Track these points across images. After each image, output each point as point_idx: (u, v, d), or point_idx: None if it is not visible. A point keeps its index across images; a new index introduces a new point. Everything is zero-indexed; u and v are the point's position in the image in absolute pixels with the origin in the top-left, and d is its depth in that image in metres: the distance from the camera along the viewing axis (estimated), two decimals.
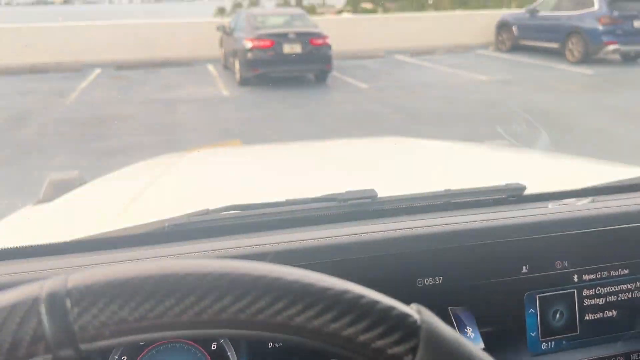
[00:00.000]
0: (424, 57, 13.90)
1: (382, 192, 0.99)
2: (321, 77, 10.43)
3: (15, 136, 6.67)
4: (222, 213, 0.94)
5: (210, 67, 12.39)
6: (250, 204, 0.95)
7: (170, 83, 10.55)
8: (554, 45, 12.60)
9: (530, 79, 10.41)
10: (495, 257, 0.87)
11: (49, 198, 1.59)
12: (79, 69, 12.18)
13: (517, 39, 13.91)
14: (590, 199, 1.00)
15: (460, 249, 0.86)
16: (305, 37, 9.80)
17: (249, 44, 9.59)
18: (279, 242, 0.81)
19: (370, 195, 0.97)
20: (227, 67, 11.83)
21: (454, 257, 0.85)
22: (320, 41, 9.89)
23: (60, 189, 1.64)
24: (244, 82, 9.98)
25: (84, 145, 6.22)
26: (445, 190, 1.02)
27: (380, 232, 0.85)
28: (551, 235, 0.89)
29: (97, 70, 12.04)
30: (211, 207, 0.95)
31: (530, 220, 0.90)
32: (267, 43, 9.56)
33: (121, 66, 12.59)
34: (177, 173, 1.58)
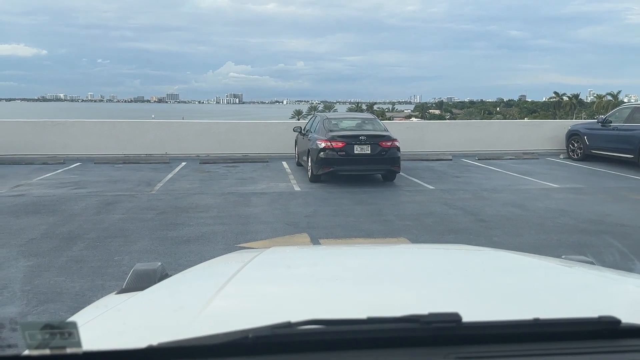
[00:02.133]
0: (492, 161, 13.93)
1: (465, 313, 0.95)
2: (389, 177, 10.72)
3: (103, 221, 7.25)
4: (305, 327, 0.93)
5: (285, 164, 13.08)
6: (332, 320, 0.95)
7: (247, 177, 11.19)
8: (628, 155, 12.35)
9: (604, 188, 10.11)
10: None
11: (131, 287, 1.69)
12: (166, 161, 13.29)
13: (588, 148, 13.75)
14: None
15: None
16: (375, 140, 10.24)
17: (322, 144, 10.15)
18: None
19: (455, 320, 0.93)
20: (300, 164, 12.45)
21: None
22: (389, 143, 10.28)
23: (143, 279, 1.74)
24: (315, 179, 10.45)
25: (163, 233, 6.66)
26: (534, 319, 0.97)
27: None
28: None
29: (183, 163, 13.06)
30: (292, 318, 0.94)
31: None
32: (339, 144, 10.08)
33: (204, 160, 13.61)
34: (250, 273, 1.59)
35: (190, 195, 9.17)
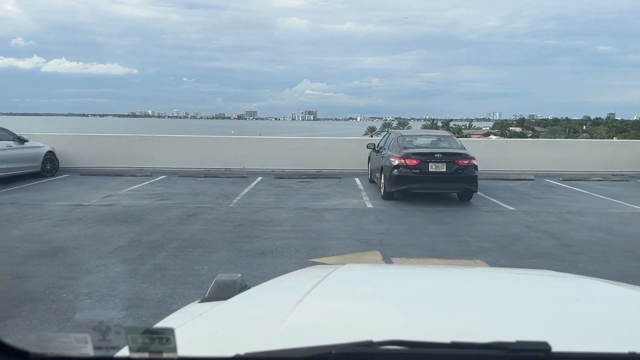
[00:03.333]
0: (578, 183, 13.17)
1: (555, 343, 0.90)
2: (465, 196, 10.42)
3: (184, 231, 7.59)
4: (387, 347, 0.92)
5: (357, 181, 13.10)
6: (415, 342, 0.93)
7: (320, 193, 11.31)
8: None
9: None
10: None
11: (213, 297, 1.76)
12: (244, 176, 13.75)
13: None
14: None
15: None
16: (451, 158, 10.02)
17: (395, 162, 10.08)
18: None
19: (544, 349, 0.89)
20: (372, 181, 12.42)
21: None
22: (466, 162, 10.01)
23: (224, 289, 1.80)
24: (387, 196, 10.37)
25: (240, 244, 6.86)
26: (630, 353, 0.91)
27: None
28: None
29: (259, 178, 13.47)
30: (372, 337, 0.94)
31: None
32: (413, 161, 9.96)
33: (280, 175, 13.94)
34: (326, 289, 1.61)
35: (265, 209, 9.41)
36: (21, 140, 12.63)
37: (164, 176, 13.62)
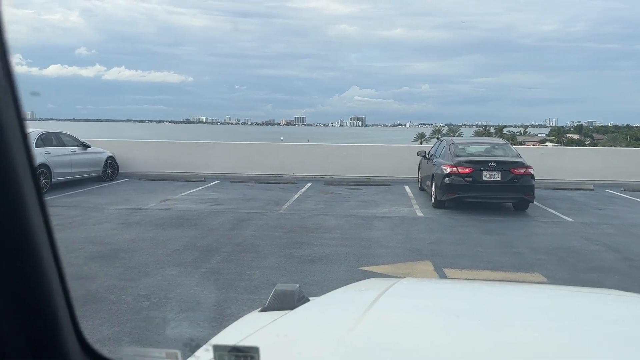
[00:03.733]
0: None
1: None
2: (521, 206, 10.10)
3: (236, 236, 7.74)
4: None
5: (407, 188, 12.97)
6: None
7: (369, 200, 11.27)
8: None
9: None
10: None
11: (273, 307, 1.78)
12: (293, 182, 13.90)
13: None
14: None
15: None
16: (506, 166, 9.77)
17: (447, 170, 9.91)
18: None
19: None
20: (422, 189, 12.26)
21: None
22: (522, 170, 9.73)
23: (283, 299, 1.81)
24: (438, 204, 10.20)
25: (290, 251, 6.93)
26: None
27: None
28: None
29: (308, 184, 13.57)
30: (445, 358, 0.95)
31: None
32: (466, 170, 9.76)
33: (328, 182, 13.99)
34: (388, 303, 1.61)
35: (314, 215, 9.47)
36: (84, 146, 13.29)
37: (217, 181, 13.96)
